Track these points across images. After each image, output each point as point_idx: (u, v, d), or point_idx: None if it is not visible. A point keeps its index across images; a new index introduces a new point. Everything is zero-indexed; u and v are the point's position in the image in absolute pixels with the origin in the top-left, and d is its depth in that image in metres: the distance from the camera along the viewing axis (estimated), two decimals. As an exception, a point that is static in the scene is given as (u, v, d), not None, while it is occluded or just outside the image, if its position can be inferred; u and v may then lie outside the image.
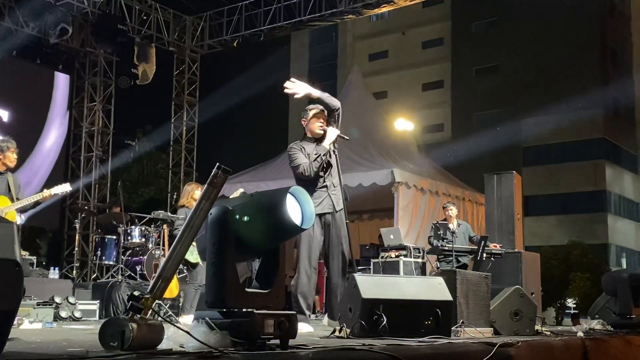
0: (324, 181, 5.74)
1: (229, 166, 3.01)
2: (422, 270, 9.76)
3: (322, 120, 5.80)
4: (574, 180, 33.65)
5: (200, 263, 7.78)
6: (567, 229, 31.79)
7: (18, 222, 6.92)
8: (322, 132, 5.77)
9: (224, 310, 2.96)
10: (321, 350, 2.92)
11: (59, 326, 6.26)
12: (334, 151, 5.74)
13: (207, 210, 2.98)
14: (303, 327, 5.07)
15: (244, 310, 2.96)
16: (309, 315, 5.77)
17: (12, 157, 6.85)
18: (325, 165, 5.71)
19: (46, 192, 7.04)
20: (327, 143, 5.70)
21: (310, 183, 5.66)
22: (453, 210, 9.92)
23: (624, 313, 6.00)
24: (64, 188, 7.35)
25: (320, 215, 5.65)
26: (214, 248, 3.02)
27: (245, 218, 3.03)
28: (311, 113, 5.85)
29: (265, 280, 3.19)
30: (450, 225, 9.65)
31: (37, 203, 7.05)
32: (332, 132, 5.73)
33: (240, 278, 3.09)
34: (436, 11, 39.62)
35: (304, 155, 5.70)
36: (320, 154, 5.62)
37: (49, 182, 13.50)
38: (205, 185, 2.97)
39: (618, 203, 35.53)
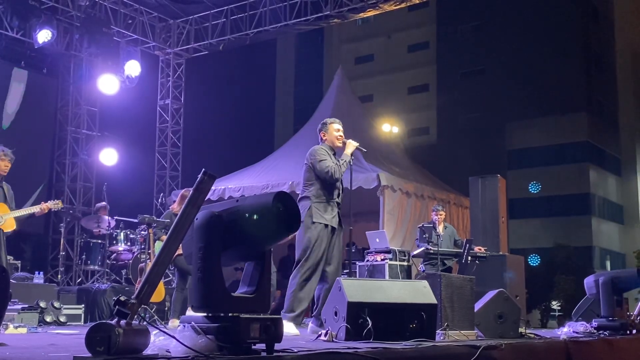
0: (338, 197, 6.00)
1: (214, 170, 3.04)
2: (407, 273, 9.80)
3: (341, 133, 6.08)
4: (559, 183, 33.84)
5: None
6: (551, 232, 31.94)
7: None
8: (341, 144, 6.06)
9: (210, 314, 2.98)
10: (306, 354, 2.94)
11: (44, 331, 6.24)
12: (350, 164, 6.01)
13: (194, 216, 3.00)
14: (289, 330, 5.10)
15: (229, 314, 2.98)
16: (302, 314, 5.87)
17: (2, 165, 6.85)
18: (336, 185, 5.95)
19: (44, 205, 7.18)
20: (348, 152, 6.00)
21: (329, 189, 5.87)
22: (441, 214, 9.98)
23: (606, 315, 6.07)
24: (57, 205, 7.47)
25: (331, 227, 5.89)
26: (200, 253, 3.04)
27: (255, 217, 3.07)
28: (330, 127, 6.10)
29: (252, 285, 3.21)
30: (438, 228, 9.70)
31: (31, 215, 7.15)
32: (352, 144, 6.02)
33: (226, 282, 3.11)
34: (422, 15, 39.65)
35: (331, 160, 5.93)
36: (345, 160, 5.92)
37: (33, 187, 13.48)
38: (192, 190, 3.00)
39: (602, 206, 35.75)
